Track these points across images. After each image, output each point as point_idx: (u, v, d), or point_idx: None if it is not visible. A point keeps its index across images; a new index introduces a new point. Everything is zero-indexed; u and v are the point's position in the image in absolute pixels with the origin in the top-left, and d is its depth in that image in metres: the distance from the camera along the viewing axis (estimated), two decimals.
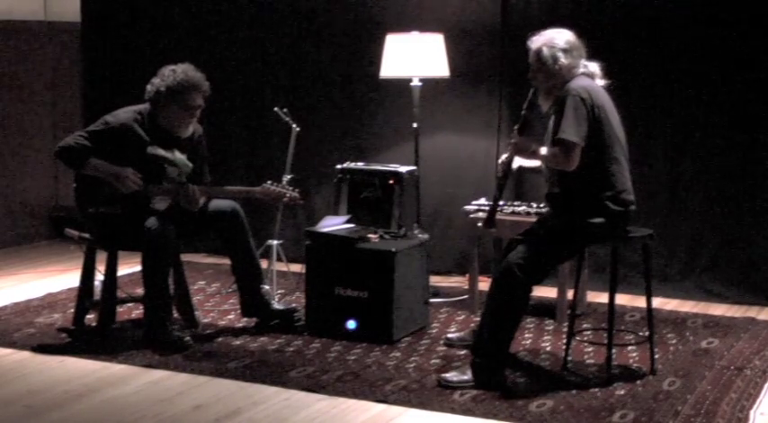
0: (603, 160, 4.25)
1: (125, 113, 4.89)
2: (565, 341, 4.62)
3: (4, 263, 6.77)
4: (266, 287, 5.19)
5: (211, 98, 5.00)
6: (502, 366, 4.34)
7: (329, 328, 4.99)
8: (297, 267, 5.75)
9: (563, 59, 4.30)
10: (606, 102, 4.31)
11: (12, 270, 6.58)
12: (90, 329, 5.03)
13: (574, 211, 4.29)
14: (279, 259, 5.81)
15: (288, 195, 5.03)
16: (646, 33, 5.90)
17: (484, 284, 5.74)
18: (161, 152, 4.86)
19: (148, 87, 4.89)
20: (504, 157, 4.53)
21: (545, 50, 4.32)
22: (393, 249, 4.91)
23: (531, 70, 4.41)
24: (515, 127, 4.47)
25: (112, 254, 4.96)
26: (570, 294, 5.00)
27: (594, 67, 4.41)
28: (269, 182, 5.06)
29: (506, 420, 3.94)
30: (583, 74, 4.35)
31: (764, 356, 4.74)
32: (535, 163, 4.53)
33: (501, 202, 4.62)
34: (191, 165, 4.96)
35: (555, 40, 4.34)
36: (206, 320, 5.27)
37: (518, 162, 4.59)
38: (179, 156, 4.92)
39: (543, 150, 4.32)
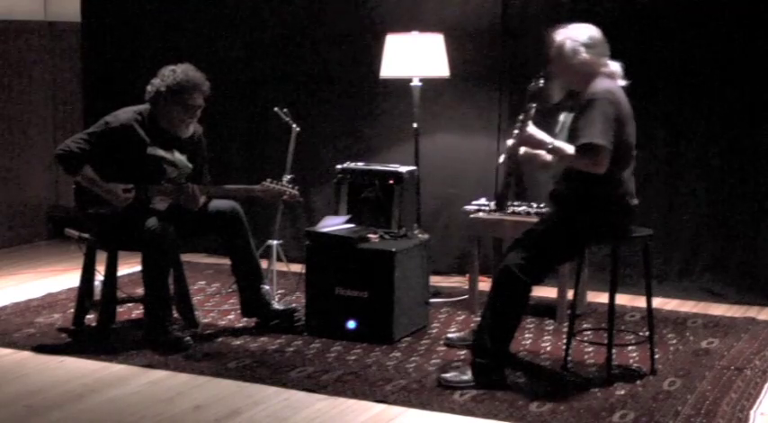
0: (617, 165, 4.22)
1: (125, 114, 4.89)
2: (565, 341, 4.62)
3: (4, 263, 6.77)
4: (266, 287, 5.19)
5: (211, 98, 5.00)
6: (502, 366, 4.34)
7: (329, 328, 4.99)
8: (297, 267, 5.75)
9: (584, 54, 4.25)
10: (626, 106, 4.28)
11: (12, 270, 6.58)
12: (90, 329, 5.03)
13: (578, 210, 4.28)
14: (279, 259, 5.81)
15: (287, 193, 5.05)
16: (645, 33, 5.90)
17: (484, 284, 5.74)
18: (161, 152, 4.86)
19: (148, 88, 4.89)
20: (509, 145, 4.39)
21: (567, 43, 4.28)
22: (393, 249, 4.91)
23: (550, 61, 4.34)
24: (520, 118, 4.33)
25: (112, 254, 4.96)
26: (570, 294, 5.00)
27: (616, 66, 4.35)
28: (268, 180, 5.07)
29: (506, 420, 3.94)
30: (603, 74, 4.30)
31: (764, 356, 4.74)
32: (545, 156, 4.39)
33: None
34: (190, 165, 4.96)
35: (578, 34, 4.29)
36: (206, 320, 5.27)
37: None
38: (179, 156, 4.92)
39: (565, 148, 4.21)
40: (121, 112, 4.91)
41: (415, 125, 5.90)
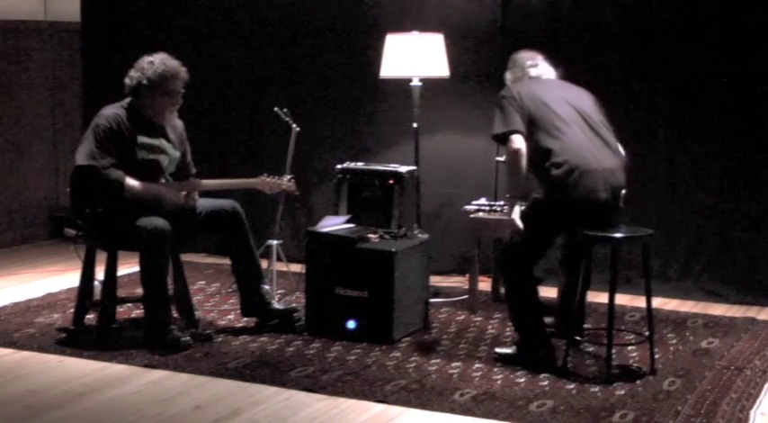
0: (540, 138, 4.50)
1: (109, 111, 4.92)
2: (565, 341, 4.62)
3: (4, 263, 6.77)
4: (266, 287, 5.19)
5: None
6: (545, 342, 4.58)
7: (329, 328, 4.99)
8: (297, 267, 5.75)
9: (507, 74, 4.89)
10: (535, 87, 4.66)
11: (12, 270, 6.58)
12: (90, 329, 5.03)
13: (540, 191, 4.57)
14: (279, 259, 5.81)
15: (285, 184, 5.07)
16: (646, 32, 5.90)
17: (484, 284, 5.75)
18: (149, 140, 4.91)
19: (127, 81, 4.95)
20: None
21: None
22: (393, 249, 4.91)
23: None
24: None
25: (112, 254, 4.96)
26: None
27: (543, 68, 4.83)
28: (265, 174, 5.12)
29: (506, 420, 3.94)
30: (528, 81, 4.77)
31: (764, 356, 4.74)
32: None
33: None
34: (178, 153, 5.02)
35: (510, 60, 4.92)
36: (206, 320, 5.27)
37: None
38: (166, 144, 4.99)
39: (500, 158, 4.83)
40: (105, 110, 4.94)
41: (415, 125, 5.90)
